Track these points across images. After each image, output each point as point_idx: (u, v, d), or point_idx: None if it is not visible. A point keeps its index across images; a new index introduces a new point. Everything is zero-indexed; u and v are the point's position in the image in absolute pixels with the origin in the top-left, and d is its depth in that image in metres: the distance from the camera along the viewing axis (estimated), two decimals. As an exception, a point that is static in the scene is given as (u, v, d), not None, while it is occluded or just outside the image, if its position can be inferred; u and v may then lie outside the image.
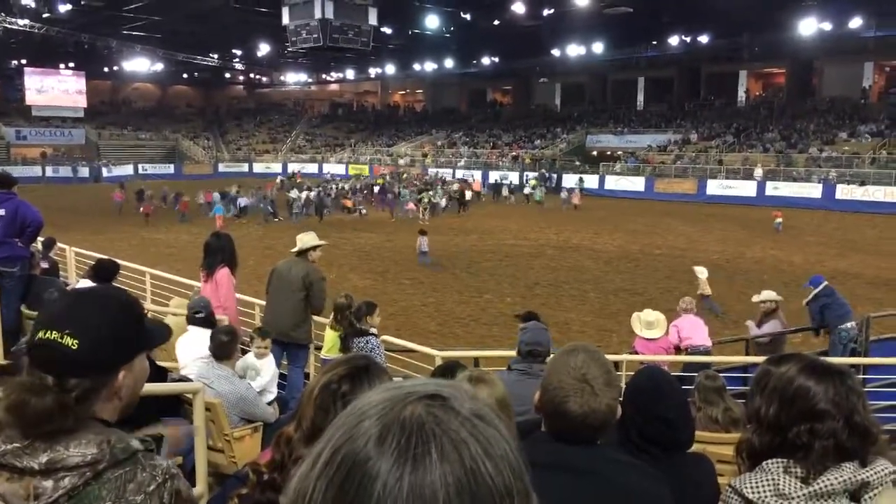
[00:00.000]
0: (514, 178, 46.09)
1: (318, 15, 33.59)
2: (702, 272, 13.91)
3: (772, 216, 28.04)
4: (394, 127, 68.38)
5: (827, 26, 42.29)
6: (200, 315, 5.82)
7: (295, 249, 7.12)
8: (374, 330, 6.46)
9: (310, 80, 76.79)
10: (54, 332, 1.39)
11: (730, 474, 2.64)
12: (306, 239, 7.16)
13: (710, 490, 2.33)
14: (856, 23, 41.67)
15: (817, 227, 28.35)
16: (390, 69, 66.43)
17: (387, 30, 46.78)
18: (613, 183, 44.24)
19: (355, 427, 0.64)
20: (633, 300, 14.62)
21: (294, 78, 75.82)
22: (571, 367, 1.80)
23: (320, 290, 6.98)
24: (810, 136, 43.28)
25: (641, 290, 15.95)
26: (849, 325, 8.84)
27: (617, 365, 7.35)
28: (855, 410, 1.65)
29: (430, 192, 33.44)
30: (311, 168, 58.41)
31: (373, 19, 35.90)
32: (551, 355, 4.93)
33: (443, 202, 33.56)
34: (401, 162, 56.12)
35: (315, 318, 7.38)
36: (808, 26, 42.57)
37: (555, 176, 45.63)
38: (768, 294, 9.31)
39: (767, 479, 1.65)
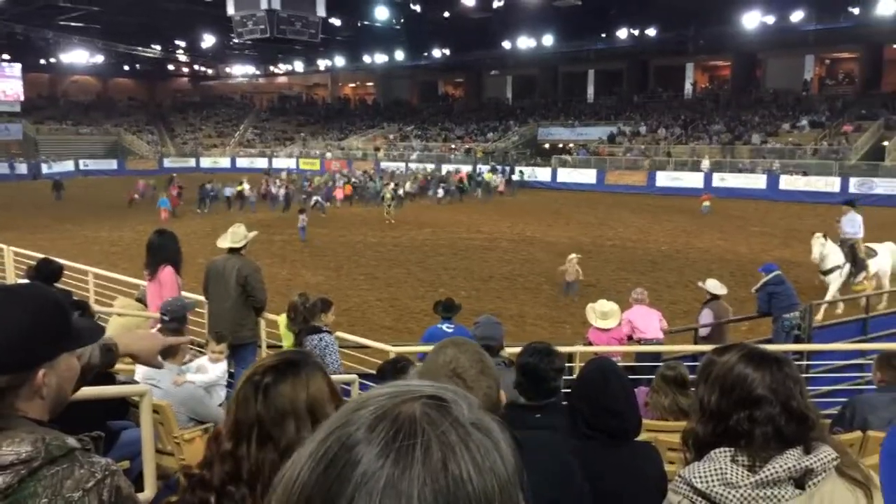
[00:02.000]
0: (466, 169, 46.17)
1: (263, 5, 32.90)
2: (572, 258, 15.31)
3: (700, 200, 30.50)
4: (345, 120, 67.80)
5: (770, 19, 43.44)
6: (166, 319, 5.65)
7: (226, 245, 6.77)
8: (327, 327, 6.39)
9: (257, 73, 75.46)
10: None
11: (680, 462, 2.68)
12: (240, 232, 6.82)
13: (657, 477, 2.37)
14: (797, 16, 42.91)
15: (762, 217, 29.15)
16: (340, 61, 65.72)
17: (335, 21, 46.19)
18: (566, 175, 44.69)
19: (352, 413, 0.65)
20: (586, 291, 14.80)
21: (241, 70, 74.39)
22: (440, 364, 1.75)
23: (258, 283, 6.74)
24: (755, 127, 44.47)
25: (594, 282, 16.15)
26: (791, 314, 9.11)
27: (570, 356, 7.43)
28: (792, 396, 1.69)
29: (393, 186, 33.18)
30: (262, 162, 57.57)
31: (321, 10, 35.32)
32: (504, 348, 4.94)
33: (440, 192, 36.09)
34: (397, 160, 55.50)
35: (270, 315, 7.24)
36: (752, 20, 43.65)
37: (507, 168, 45.90)
38: (712, 283, 9.54)
39: (715, 469, 1.67)
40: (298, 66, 70.54)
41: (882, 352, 5.23)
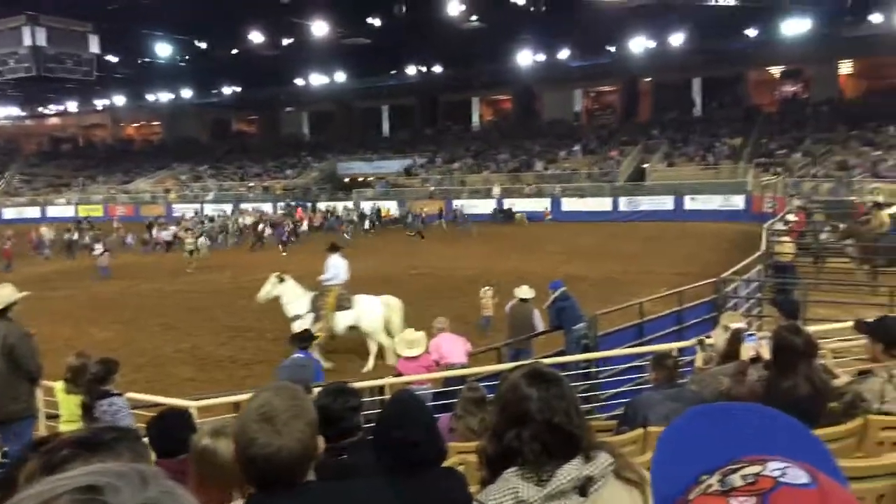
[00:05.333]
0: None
1: (27, 42, 30.13)
2: (487, 291, 14.48)
3: (545, 214, 38.32)
4: (129, 162, 63.36)
5: (541, 57, 47.52)
6: None
7: None
8: (116, 390, 5.88)
9: (23, 114, 68.39)
10: None
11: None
12: (4, 294, 6.13)
13: (463, 501, 2.46)
14: (564, 54, 47.37)
15: (551, 237, 31.45)
16: (120, 100, 61.55)
17: (112, 58, 43.36)
18: (368, 209, 45.05)
19: None
20: (394, 321, 14.97)
21: (3, 112, 66.99)
22: (253, 409, 1.75)
23: (28, 350, 6.07)
24: (537, 155, 48.09)
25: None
26: (578, 325, 9.93)
27: (381, 389, 7.49)
28: (556, 413, 1.80)
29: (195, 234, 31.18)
30: (33, 212, 52.02)
31: (94, 47, 33.04)
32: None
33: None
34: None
35: (47, 383, 6.51)
36: (526, 57, 47.48)
37: (309, 205, 45.50)
38: (522, 289, 10.76)
39: (508, 488, 1.74)
40: (72, 105, 64.99)
41: (655, 353, 5.80)
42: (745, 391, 4.22)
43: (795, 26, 39.16)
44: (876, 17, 37.13)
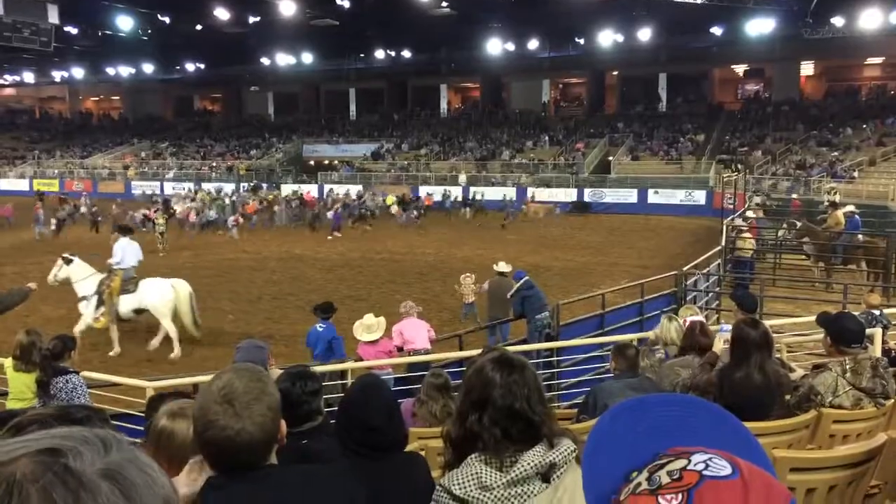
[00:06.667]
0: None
1: (-18, 9, 29.05)
2: (467, 278, 13.71)
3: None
4: (88, 136, 61.74)
5: (510, 46, 47.51)
6: None
7: None
8: (73, 367, 5.75)
9: (-24, 83, 66.19)
10: None
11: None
12: None
13: (424, 486, 2.46)
14: (533, 44, 47.42)
15: (514, 226, 31.58)
16: (79, 73, 59.85)
17: (72, 29, 42.08)
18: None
19: None
20: (357, 306, 14.86)
21: (-46, 80, 64.75)
22: (214, 390, 1.71)
23: None
24: (504, 144, 48.18)
25: (365, 296, 16.35)
26: (541, 314, 10.02)
27: (343, 374, 7.45)
28: (517, 399, 1.80)
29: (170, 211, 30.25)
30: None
31: (53, 17, 31.90)
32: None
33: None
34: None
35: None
36: (494, 46, 47.42)
37: (275, 186, 45.02)
38: (500, 264, 11.69)
39: (472, 474, 1.75)
40: (28, 76, 63.04)
41: (615, 343, 5.88)
42: (704, 381, 4.31)
43: (759, 26, 39.85)
44: (837, 21, 37.95)
